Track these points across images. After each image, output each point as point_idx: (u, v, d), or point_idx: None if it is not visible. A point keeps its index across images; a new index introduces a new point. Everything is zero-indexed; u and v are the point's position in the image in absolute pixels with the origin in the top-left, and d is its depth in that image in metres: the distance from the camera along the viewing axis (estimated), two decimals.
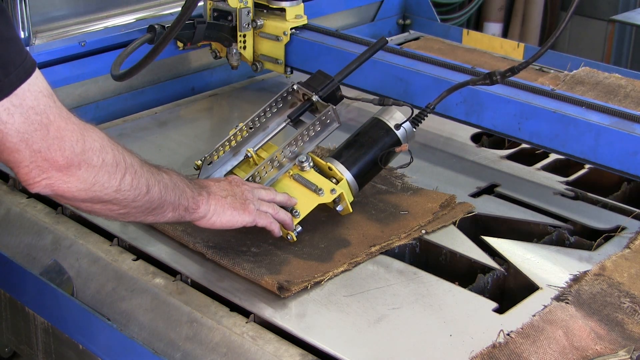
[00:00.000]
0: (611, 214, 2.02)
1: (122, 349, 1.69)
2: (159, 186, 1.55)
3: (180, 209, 1.62)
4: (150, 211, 1.57)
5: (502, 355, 1.47)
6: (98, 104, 2.53)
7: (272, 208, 1.76)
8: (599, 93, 2.48)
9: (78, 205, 1.46)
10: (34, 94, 1.31)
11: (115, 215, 1.53)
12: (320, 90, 1.92)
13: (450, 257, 1.87)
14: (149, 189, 1.52)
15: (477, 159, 2.31)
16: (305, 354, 1.54)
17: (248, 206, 1.72)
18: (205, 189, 1.69)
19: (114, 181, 1.44)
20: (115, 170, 1.44)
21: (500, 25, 6.08)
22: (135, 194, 1.49)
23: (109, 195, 1.45)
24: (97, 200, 1.44)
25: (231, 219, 1.70)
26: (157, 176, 1.56)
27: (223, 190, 1.72)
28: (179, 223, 1.87)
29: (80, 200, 1.43)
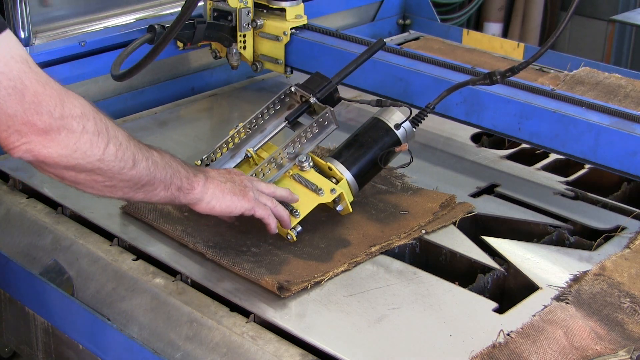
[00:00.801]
0: (611, 214, 2.02)
1: (122, 349, 1.69)
2: (148, 162, 1.53)
3: (173, 188, 1.60)
4: (140, 187, 1.54)
5: (502, 355, 1.47)
6: (98, 104, 2.51)
7: (270, 201, 1.76)
8: (599, 93, 2.48)
9: (62, 174, 1.44)
10: (3, 60, 1.29)
11: (102, 187, 1.50)
12: (318, 92, 1.92)
13: (450, 257, 1.87)
14: (136, 162, 1.50)
15: (477, 159, 2.31)
16: (305, 354, 1.54)
17: (247, 193, 1.71)
18: (203, 173, 1.68)
19: (97, 149, 1.42)
20: (98, 139, 1.41)
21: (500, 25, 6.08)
22: (120, 166, 1.47)
23: (92, 164, 1.42)
24: (80, 168, 1.42)
25: (231, 204, 1.69)
26: (146, 152, 1.53)
27: (222, 176, 1.71)
28: (179, 223, 1.87)
29: (63, 167, 1.41)
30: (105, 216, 1.96)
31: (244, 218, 1.88)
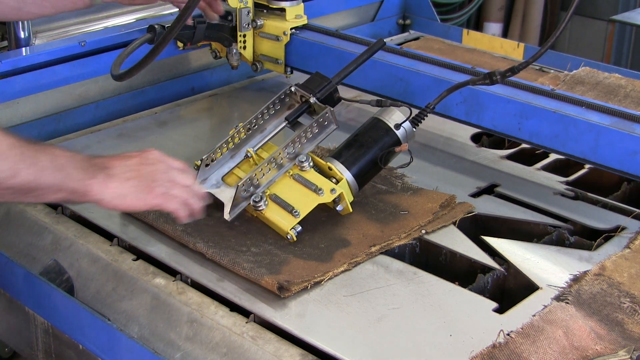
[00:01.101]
0: (611, 214, 2.02)
1: (122, 349, 1.69)
2: (32, 169, 1.50)
3: (65, 191, 1.57)
4: (25, 193, 1.52)
5: (502, 355, 1.47)
6: (98, 104, 2.53)
7: (184, 192, 1.70)
8: (599, 93, 2.48)
9: None
10: None
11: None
12: (318, 92, 1.92)
13: (450, 257, 1.87)
14: (16, 172, 1.48)
15: (477, 159, 2.31)
16: (305, 354, 1.54)
17: (154, 189, 1.65)
18: (104, 172, 1.61)
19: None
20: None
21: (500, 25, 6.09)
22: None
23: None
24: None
25: (135, 202, 1.64)
26: (32, 159, 1.50)
27: (128, 171, 1.64)
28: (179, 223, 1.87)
29: None
30: (105, 216, 1.96)
31: (244, 218, 1.89)
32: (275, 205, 1.83)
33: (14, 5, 1.88)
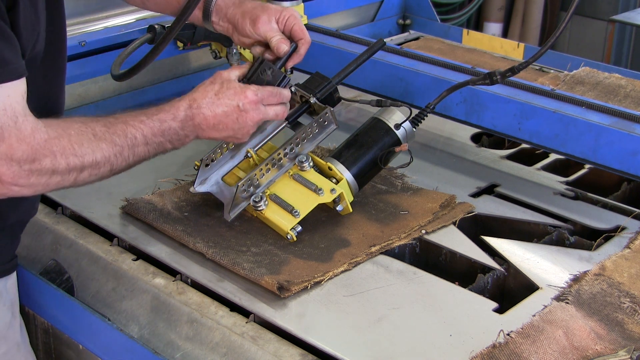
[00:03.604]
0: (611, 214, 2.02)
1: (122, 349, 1.69)
2: (131, 158, 1.59)
3: (170, 146, 1.67)
4: (130, 165, 1.61)
5: (502, 355, 1.47)
6: (98, 104, 2.53)
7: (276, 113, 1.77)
8: (599, 93, 2.48)
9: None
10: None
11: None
12: (318, 92, 1.92)
13: (450, 257, 1.87)
14: (113, 168, 1.57)
15: (477, 159, 2.31)
16: (305, 354, 1.54)
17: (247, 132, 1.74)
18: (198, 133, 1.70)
19: (67, 182, 1.51)
20: (68, 175, 1.50)
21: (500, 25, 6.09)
22: (97, 177, 1.56)
23: (65, 185, 1.52)
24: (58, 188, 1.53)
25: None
26: (129, 150, 1.59)
27: (222, 130, 1.71)
28: (179, 223, 1.88)
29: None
30: (105, 216, 1.96)
31: (244, 218, 1.89)
32: (275, 205, 1.83)
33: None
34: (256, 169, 1.84)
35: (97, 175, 1.55)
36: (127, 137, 1.57)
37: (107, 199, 2.00)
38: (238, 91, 1.69)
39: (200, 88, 1.71)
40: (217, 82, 1.71)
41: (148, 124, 1.61)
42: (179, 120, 1.66)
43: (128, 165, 1.60)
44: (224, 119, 1.68)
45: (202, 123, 1.67)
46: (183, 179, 2.06)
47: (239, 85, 1.71)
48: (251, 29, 1.81)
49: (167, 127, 1.64)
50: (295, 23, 1.82)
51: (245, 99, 1.69)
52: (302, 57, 1.85)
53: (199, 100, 1.68)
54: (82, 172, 1.51)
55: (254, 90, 1.71)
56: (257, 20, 1.80)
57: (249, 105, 1.70)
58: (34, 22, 1.50)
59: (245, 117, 1.70)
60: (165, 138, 1.64)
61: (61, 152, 1.46)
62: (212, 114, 1.68)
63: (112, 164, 1.56)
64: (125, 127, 1.58)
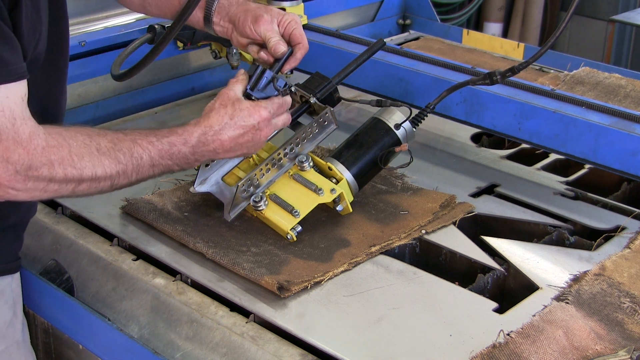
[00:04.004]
0: (611, 214, 2.02)
1: (122, 349, 1.69)
2: (134, 177, 1.59)
3: (177, 167, 1.67)
4: (132, 183, 1.61)
5: (502, 355, 1.47)
6: (98, 104, 2.53)
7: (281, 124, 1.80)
8: (599, 93, 2.48)
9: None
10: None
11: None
12: (318, 92, 1.92)
13: (450, 257, 1.87)
14: (114, 183, 1.56)
15: (477, 159, 2.31)
16: (305, 354, 1.54)
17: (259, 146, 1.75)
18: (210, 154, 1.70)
19: (65, 191, 1.51)
20: (66, 185, 1.49)
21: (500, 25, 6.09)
22: (97, 191, 1.56)
23: (63, 194, 1.52)
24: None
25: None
26: (133, 169, 1.58)
27: (236, 149, 1.72)
28: (179, 223, 1.88)
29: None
30: (105, 216, 1.96)
31: (244, 218, 1.89)
32: (275, 205, 1.83)
33: (138, 3, 1.99)
34: (256, 169, 1.84)
35: (96, 188, 1.54)
36: (132, 157, 1.56)
37: (107, 199, 1.99)
38: (252, 111, 1.70)
39: (213, 114, 1.69)
40: (227, 104, 1.70)
41: (157, 146, 1.60)
42: (190, 146, 1.65)
43: (130, 183, 1.59)
44: (240, 140, 1.70)
45: (219, 148, 1.68)
46: (183, 179, 2.06)
47: (250, 104, 1.72)
48: (252, 26, 1.81)
49: (176, 151, 1.63)
50: (295, 28, 1.83)
51: (260, 118, 1.71)
52: (298, 62, 1.85)
53: (215, 126, 1.67)
54: (81, 185, 1.50)
55: (265, 106, 1.72)
56: (259, 19, 1.81)
57: (263, 124, 1.72)
58: (35, 22, 1.50)
59: (259, 135, 1.72)
60: (173, 161, 1.63)
61: (59, 162, 1.46)
62: (229, 138, 1.68)
63: (113, 181, 1.55)
64: (132, 146, 1.57)
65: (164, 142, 1.61)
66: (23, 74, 1.43)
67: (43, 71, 1.61)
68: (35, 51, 1.54)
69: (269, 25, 1.81)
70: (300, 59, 1.85)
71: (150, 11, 2.00)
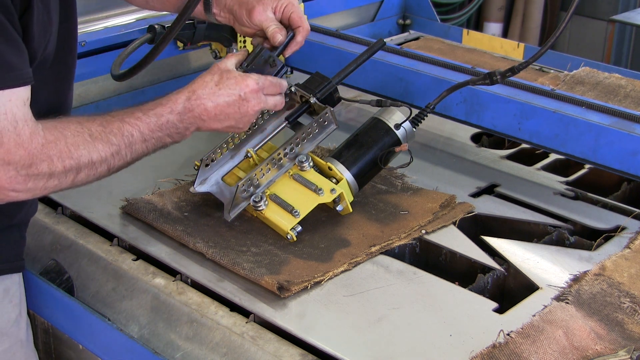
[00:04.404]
0: (611, 214, 2.02)
1: (122, 349, 1.69)
2: (129, 156, 1.58)
3: (170, 140, 1.66)
4: (129, 163, 1.60)
5: (502, 355, 1.47)
6: (98, 104, 2.53)
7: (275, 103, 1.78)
8: (599, 93, 2.48)
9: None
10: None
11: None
12: (318, 92, 1.92)
13: (450, 257, 1.87)
14: (111, 168, 1.56)
15: (477, 159, 2.31)
16: (305, 354, 1.54)
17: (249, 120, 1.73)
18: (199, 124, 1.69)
19: (64, 184, 1.50)
20: (65, 177, 1.49)
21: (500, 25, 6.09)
22: (95, 177, 1.55)
23: (63, 187, 1.51)
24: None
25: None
26: (126, 148, 1.57)
27: (224, 120, 1.70)
28: (179, 223, 1.88)
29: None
30: (105, 216, 1.96)
31: (244, 218, 1.89)
32: (275, 205, 1.83)
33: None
34: (256, 169, 1.84)
35: (94, 175, 1.54)
36: (123, 136, 1.56)
37: (107, 199, 2.00)
38: (239, 80, 1.68)
39: (199, 79, 1.68)
40: (216, 72, 1.69)
41: (144, 120, 1.60)
42: (177, 113, 1.64)
43: (126, 162, 1.59)
44: (226, 109, 1.67)
45: (203, 114, 1.66)
46: (183, 179, 2.06)
47: (239, 74, 1.69)
48: (247, 19, 1.81)
49: (164, 121, 1.62)
50: (293, 11, 1.81)
51: (247, 88, 1.68)
52: (300, 45, 1.83)
53: (199, 91, 1.66)
54: (79, 174, 1.51)
55: (255, 79, 1.70)
56: (252, 10, 1.80)
57: (250, 94, 1.69)
58: (46, 23, 1.51)
59: (246, 106, 1.69)
60: (163, 132, 1.62)
61: (58, 156, 1.46)
62: (214, 105, 1.66)
63: (109, 164, 1.55)
64: (121, 125, 1.56)
65: (151, 115, 1.61)
66: (28, 79, 1.43)
67: (52, 69, 1.62)
68: (46, 52, 1.54)
69: (263, 15, 1.80)
70: (302, 42, 1.83)
71: (153, 6, 2.00)
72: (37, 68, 1.50)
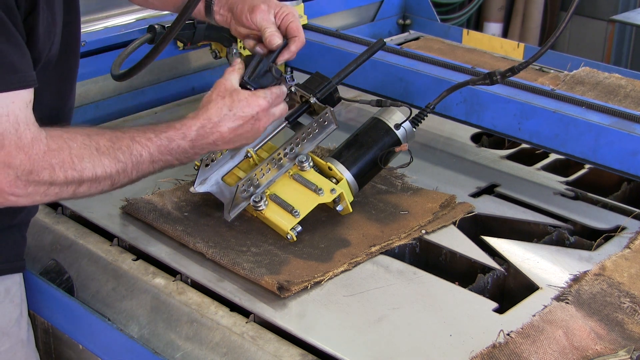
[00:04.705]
0: (611, 214, 2.02)
1: (122, 349, 1.69)
2: (134, 175, 1.57)
3: (178, 162, 1.66)
4: (133, 181, 1.60)
5: (502, 355, 1.47)
6: (98, 104, 2.53)
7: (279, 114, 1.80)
8: (599, 93, 2.48)
9: None
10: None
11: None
12: (318, 92, 1.92)
13: (450, 257, 1.87)
14: (114, 183, 1.55)
15: (477, 159, 2.31)
16: (305, 354, 1.54)
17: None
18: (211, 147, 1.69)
19: (65, 194, 1.49)
20: (67, 188, 1.48)
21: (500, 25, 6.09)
22: (97, 191, 1.54)
23: (64, 197, 1.50)
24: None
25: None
26: (133, 167, 1.56)
27: (235, 140, 1.71)
28: (179, 223, 1.88)
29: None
30: (105, 216, 1.96)
31: (244, 218, 1.89)
32: (275, 205, 1.83)
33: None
34: (256, 169, 1.84)
35: (97, 189, 1.53)
36: (132, 154, 1.55)
37: (107, 199, 1.99)
38: (251, 101, 1.70)
39: (212, 105, 1.68)
40: (225, 95, 1.69)
41: (155, 142, 1.59)
42: (190, 140, 1.64)
43: (131, 180, 1.58)
44: (240, 131, 1.69)
45: (218, 140, 1.68)
46: (183, 179, 2.06)
47: (248, 94, 1.71)
48: (248, 15, 1.81)
49: (175, 145, 1.62)
50: (292, 21, 1.82)
51: (259, 107, 1.71)
52: (293, 55, 1.84)
53: (214, 118, 1.67)
54: (81, 186, 1.50)
55: (264, 96, 1.72)
56: (256, 8, 1.80)
57: (262, 114, 1.72)
58: (50, 26, 1.51)
59: (258, 125, 1.72)
60: (172, 156, 1.62)
61: (60, 165, 1.45)
62: (228, 130, 1.68)
63: (113, 180, 1.54)
64: (131, 144, 1.56)
65: (163, 137, 1.61)
66: (31, 82, 1.42)
67: (56, 70, 1.62)
68: (49, 54, 1.54)
69: (265, 15, 1.80)
70: (295, 52, 1.84)
71: (153, 4, 2.00)
72: (41, 69, 1.49)
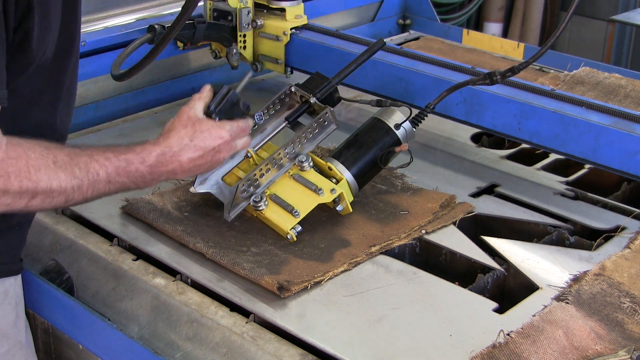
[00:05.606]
0: (611, 214, 2.02)
1: (122, 349, 1.69)
2: (89, 193, 1.54)
3: (135, 185, 1.63)
4: (87, 199, 1.57)
5: (502, 355, 1.47)
6: (98, 104, 2.53)
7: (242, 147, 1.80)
8: (599, 93, 2.48)
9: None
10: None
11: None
12: (318, 92, 1.92)
13: (450, 257, 1.87)
14: (68, 200, 1.51)
15: (477, 159, 2.31)
16: (305, 354, 1.54)
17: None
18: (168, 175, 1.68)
19: (17, 205, 1.45)
20: (19, 199, 1.44)
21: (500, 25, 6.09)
22: (50, 206, 1.51)
23: (14, 209, 1.46)
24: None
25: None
26: (89, 185, 1.53)
27: (194, 169, 1.70)
28: (179, 223, 1.88)
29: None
30: (105, 216, 1.96)
31: (244, 218, 1.89)
32: (275, 205, 1.83)
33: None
34: (256, 169, 1.84)
35: (50, 203, 1.50)
36: (89, 172, 1.52)
37: (107, 199, 1.98)
38: (213, 133, 1.70)
39: (173, 134, 1.67)
40: (188, 124, 1.68)
41: (114, 163, 1.57)
42: (148, 165, 1.62)
43: (85, 199, 1.55)
44: (199, 162, 1.69)
45: (177, 169, 1.67)
46: (183, 179, 2.06)
47: (211, 126, 1.71)
48: None
49: (133, 169, 1.60)
50: None
51: (220, 140, 1.71)
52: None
53: (175, 147, 1.65)
54: (35, 198, 1.46)
55: (228, 129, 1.72)
56: None
57: (223, 146, 1.72)
58: (46, 29, 1.50)
59: (218, 156, 1.72)
60: (129, 179, 1.60)
61: (16, 174, 1.42)
62: (188, 160, 1.67)
63: (67, 196, 1.50)
64: (89, 161, 1.53)
65: (121, 159, 1.58)
66: (1, 101, 1.41)
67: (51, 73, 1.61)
68: (43, 58, 1.53)
69: None
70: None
71: None
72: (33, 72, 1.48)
